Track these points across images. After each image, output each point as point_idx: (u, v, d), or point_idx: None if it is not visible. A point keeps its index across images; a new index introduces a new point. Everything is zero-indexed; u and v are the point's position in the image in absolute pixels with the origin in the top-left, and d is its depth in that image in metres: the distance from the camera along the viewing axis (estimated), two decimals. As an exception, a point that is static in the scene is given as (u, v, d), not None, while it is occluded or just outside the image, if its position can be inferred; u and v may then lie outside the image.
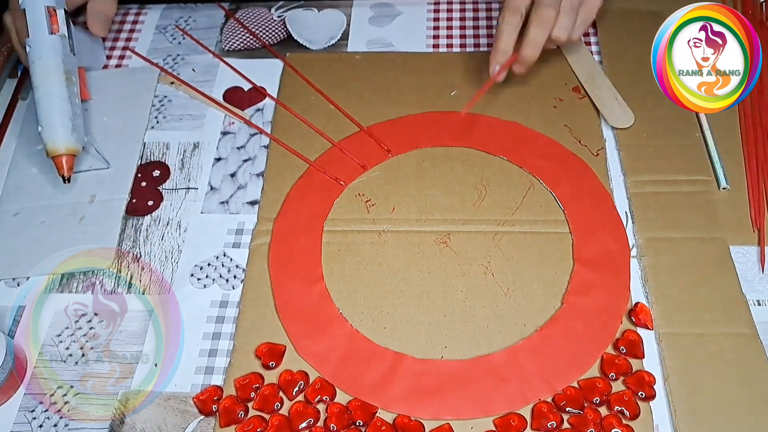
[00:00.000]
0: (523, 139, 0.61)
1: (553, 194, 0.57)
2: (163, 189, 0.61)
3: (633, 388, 0.47)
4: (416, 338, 0.51)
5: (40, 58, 0.57)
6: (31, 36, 0.57)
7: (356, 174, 0.60)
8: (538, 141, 0.60)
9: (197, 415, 0.49)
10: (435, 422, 0.47)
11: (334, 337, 0.51)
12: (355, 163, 0.60)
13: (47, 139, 0.56)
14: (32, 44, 0.57)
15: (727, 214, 0.55)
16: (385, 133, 0.62)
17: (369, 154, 0.61)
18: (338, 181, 0.59)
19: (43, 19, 0.57)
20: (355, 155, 0.61)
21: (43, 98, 0.56)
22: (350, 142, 0.62)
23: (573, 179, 0.58)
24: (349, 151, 0.61)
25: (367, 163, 0.60)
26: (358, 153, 0.61)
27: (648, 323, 0.50)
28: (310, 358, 0.50)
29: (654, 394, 0.47)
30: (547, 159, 0.59)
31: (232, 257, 0.56)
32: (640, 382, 0.47)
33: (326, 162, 0.61)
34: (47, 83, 0.56)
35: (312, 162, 0.60)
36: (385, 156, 0.61)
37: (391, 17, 0.72)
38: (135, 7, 0.75)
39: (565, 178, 0.58)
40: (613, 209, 0.56)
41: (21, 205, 0.60)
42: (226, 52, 0.71)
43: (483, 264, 0.54)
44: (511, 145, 0.60)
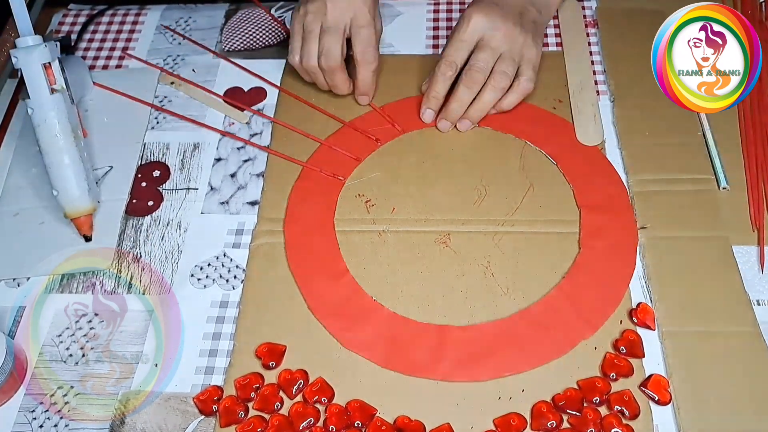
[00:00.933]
0: None
1: (543, 152, 0.60)
2: (163, 189, 0.61)
3: (652, 391, 0.47)
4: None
5: (45, 121, 0.55)
6: (32, 98, 0.56)
7: (352, 167, 0.60)
8: (518, 107, 0.62)
9: (197, 415, 0.49)
10: (435, 422, 0.47)
11: (375, 324, 0.51)
12: (348, 157, 0.61)
13: (65, 204, 0.56)
14: (34, 107, 0.55)
15: (726, 214, 0.55)
16: (369, 124, 0.63)
17: (358, 146, 0.62)
18: (336, 177, 0.60)
19: (42, 79, 0.55)
20: (345, 150, 0.61)
21: (55, 164, 0.55)
22: (337, 138, 0.62)
23: (559, 137, 0.61)
24: (339, 147, 0.61)
25: (359, 155, 0.61)
26: (348, 147, 0.61)
27: (649, 323, 0.50)
28: (357, 348, 0.50)
29: (670, 398, 0.47)
30: (531, 122, 0.62)
31: (233, 257, 0.56)
32: (656, 386, 0.47)
33: (319, 160, 0.61)
34: (56, 148, 0.55)
35: (305, 163, 0.61)
36: (374, 146, 0.62)
37: (390, 18, 0.72)
38: (135, 8, 0.75)
39: (552, 137, 0.61)
40: (603, 159, 0.59)
41: (21, 205, 0.60)
42: (226, 53, 0.71)
43: (483, 264, 0.54)
44: (493, 115, 0.62)
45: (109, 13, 0.75)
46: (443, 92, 0.61)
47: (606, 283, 0.52)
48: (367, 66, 0.61)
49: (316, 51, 0.60)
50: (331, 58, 0.60)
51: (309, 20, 0.60)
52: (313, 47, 0.60)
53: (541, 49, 0.61)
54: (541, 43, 0.61)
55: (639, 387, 0.47)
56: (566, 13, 0.71)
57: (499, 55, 0.58)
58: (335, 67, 0.60)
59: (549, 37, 0.69)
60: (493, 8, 0.59)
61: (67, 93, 0.58)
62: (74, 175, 0.56)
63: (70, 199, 0.56)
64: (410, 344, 0.50)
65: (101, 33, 0.74)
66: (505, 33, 0.58)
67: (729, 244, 0.53)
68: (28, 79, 0.56)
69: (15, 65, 0.56)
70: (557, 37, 0.69)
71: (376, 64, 0.62)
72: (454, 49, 0.59)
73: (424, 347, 0.50)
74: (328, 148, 0.62)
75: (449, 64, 0.59)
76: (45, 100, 0.56)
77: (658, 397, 0.47)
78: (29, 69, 0.56)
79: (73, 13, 0.76)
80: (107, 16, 0.75)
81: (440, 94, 0.61)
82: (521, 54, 0.59)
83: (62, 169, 0.56)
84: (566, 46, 0.68)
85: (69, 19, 0.75)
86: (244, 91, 0.67)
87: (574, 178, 0.58)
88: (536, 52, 0.60)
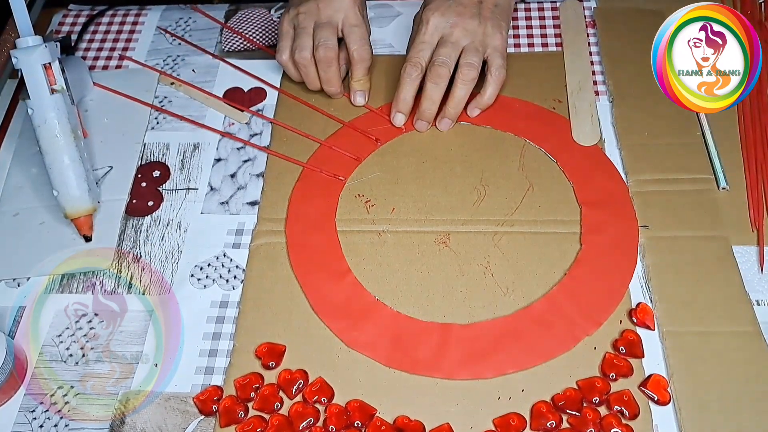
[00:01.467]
0: (499, 107, 0.63)
1: (543, 150, 0.60)
2: (163, 189, 0.61)
3: (651, 391, 0.47)
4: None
5: (45, 122, 0.55)
6: (32, 98, 0.56)
7: (352, 167, 0.60)
8: (514, 105, 0.62)
9: (197, 415, 0.49)
10: (435, 422, 0.47)
11: (379, 323, 0.52)
12: (348, 157, 0.61)
13: (65, 204, 0.56)
14: (35, 107, 0.56)
15: (726, 214, 0.55)
16: (369, 124, 0.63)
17: (359, 146, 0.62)
18: (337, 177, 0.60)
19: (42, 80, 0.56)
20: (345, 150, 0.61)
21: (55, 164, 0.56)
22: (337, 138, 0.62)
23: (559, 135, 0.61)
24: (339, 147, 0.62)
25: (359, 155, 0.61)
26: (348, 147, 0.62)
27: (649, 323, 0.50)
28: (361, 348, 0.50)
29: (669, 398, 0.47)
30: (530, 120, 0.62)
31: (232, 258, 0.56)
32: (656, 386, 0.47)
33: (320, 161, 0.61)
34: (56, 148, 0.56)
35: (305, 163, 0.61)
36: (374, 145, 0.62)
37: (390, 18, 0.72)
38: (135, 8, 0.75)
39: (552, 135, 0.61)
40: (603, 156, 0.59)
41: (21, 205, 0.60)
42: (225, 53, 0.71)
43: (483, 264, 0.54)
44: (493, 113, 0.62)
45: (109, 13, 0.75)
46: (411, 94, 0.61)
47: (608, 279, 0.52)
48: (362, 63, 0.62)
49: (309, 44, 0.61)
50: (330, 48, 0.60)
51: (301, 19, 0.61)
52: (306, 41, 0.61)
53: (505, 33, 0.60)
54: (507, 27, 0.61)
55: (639, 387, 0.47)
56: (567, 12, 0.71)
57: (462, 48, 0.59)
58: (332, 57, 0.60)
59: (549, 37, 0.69)
60: (449, 5, 0.59)
61: (67, 93, 0.58)
62: (74, 176, 0.56)
63: (71, 200, 0.56)
64: (413, 342, 0.51)
65: (101, 33, 0.74)
66: (463, 27, 0.59)
67: (729, 244, 0.53)
68: (28, 79, 0.56)
69: (15, 66, 0.56)
70: (557, 37, 0.69)
71: (370, 61, 0.63)
72: (416, 51, 0.59)
73: (427, 345, 0.50)
74: (328, 149, 0.62)
75: (414, 64, 0.59)
76: (45, 100, 0.56)
77: (657, 397, 0.47)
78: (29, 69, 0.56)
79: (73, 13, 0.76)
80: (107, 16, 0.75)
81: (408, 96, 0.61)
82: (485, 44, 0.59)
83: (62, 169, 0.56)
84: (566, 45, 0.68)
85: (69, 20, 0.75)
86: (243, 91, 0.67)
87: (574, 175, 0.58)
88: (500, 38, 0.59)
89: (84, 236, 0.58)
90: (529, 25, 0.70)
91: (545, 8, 0.71)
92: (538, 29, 0.70)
